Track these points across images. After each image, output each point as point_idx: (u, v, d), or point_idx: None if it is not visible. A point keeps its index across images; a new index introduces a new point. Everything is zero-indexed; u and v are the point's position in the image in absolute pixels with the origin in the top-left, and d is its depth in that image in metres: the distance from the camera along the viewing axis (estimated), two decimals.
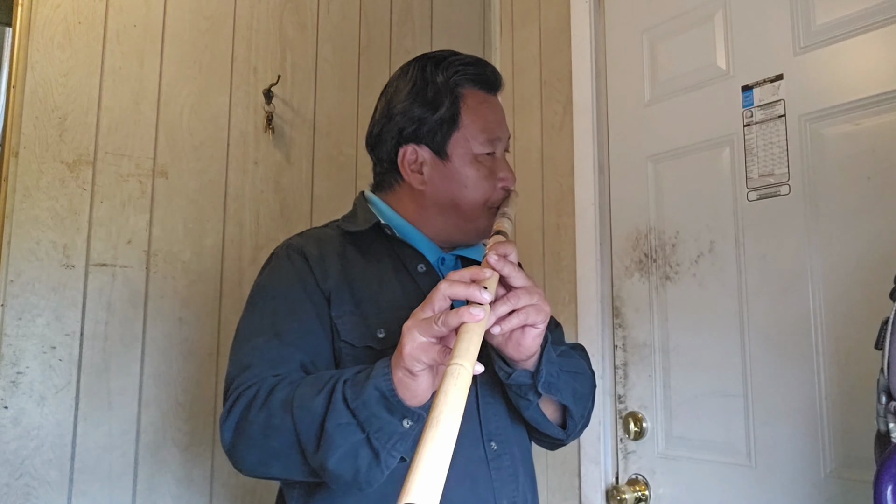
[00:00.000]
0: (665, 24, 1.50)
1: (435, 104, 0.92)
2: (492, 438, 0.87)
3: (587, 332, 1.56)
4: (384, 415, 0.68)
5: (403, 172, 0.94)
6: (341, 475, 0.71)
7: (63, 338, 1.26)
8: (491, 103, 0.97)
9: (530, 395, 0.83)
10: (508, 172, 0.95)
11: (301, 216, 1.56)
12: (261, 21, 1.56)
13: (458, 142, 0.92)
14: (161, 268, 1.38)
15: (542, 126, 1.77)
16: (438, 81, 0.93)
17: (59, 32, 1.32)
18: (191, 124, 1.45)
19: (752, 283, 1.28)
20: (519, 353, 0.76)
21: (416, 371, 0.66)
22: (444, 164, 0.92)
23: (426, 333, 0.66)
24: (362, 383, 0.70)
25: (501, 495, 0.86)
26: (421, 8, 1.84)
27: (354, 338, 0.85)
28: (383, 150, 0.96)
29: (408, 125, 0.93)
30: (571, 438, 0.94)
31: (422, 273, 0.92)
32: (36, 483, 1.21)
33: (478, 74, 0.95)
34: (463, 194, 0.92)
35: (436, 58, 0.96)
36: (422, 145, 0.93)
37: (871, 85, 1.14)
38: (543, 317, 0.74)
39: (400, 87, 0.95)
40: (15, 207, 1.25)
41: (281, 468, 0.77)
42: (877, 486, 0.73)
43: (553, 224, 1.70)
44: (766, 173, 1.28)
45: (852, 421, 1.11)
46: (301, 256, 0.90)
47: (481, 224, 0.94)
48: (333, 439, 0.69)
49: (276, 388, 0.76)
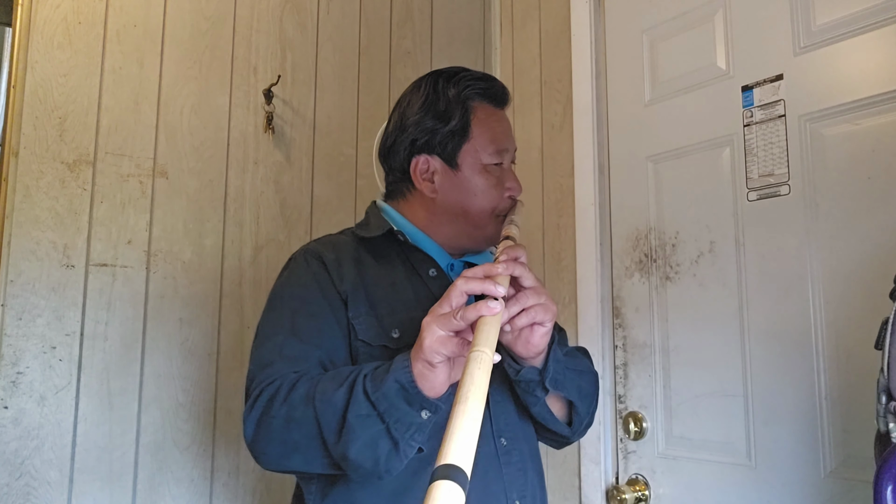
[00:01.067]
0: (665, 24, 1.50)
1: (446, 116, 0.97)
2: (501, 434, 0.91)
3: (587, 332, 1.56)
4: (403, 406, 0.72)
5: (415, 181, 0.98)
6: (362, 464, 0.74)
7: (63, 338, 1.26)
8: (499, 117, 1.01)
9: (538, 391, 0.86)
10: (515, 182, 1.00)
11: (301, 216, 1.56)
12: (261, 21, 1.56)
13: (468, 152, 0.97)
14: (161, 268, 1.38)
15: (542, 126, 1.77)
16: (450, 95, 0.98)
17: (59, 32, 1.32)
18: (191, 124, 1.45)
19: (752, 283, 1.28)
20: (528, 350, 0.80)
21: (436, 363, 0.71)
22: (455, 173, 0.97)
23: (445, 327, 0.71)
24: (382, 376, 0.74)
25: (512, 489, 0.89)
26: (421, 8, 1.84)
27: (370, 337, 0.89)
28: (396, 160, 1.00)
29: (420, 136, 0.97)
30: (577, 436, 0.98)
31: (433, 277, 0.96)
32: (36, 483, 1.21)
33: (487, 89, 1.00)
34: (472, 202, 0.97)
35: (447, 73, 1.01)
36: (433, 156, 0.97)
37: (871, 85, 1.14)
38: (551, 316, 0.79)
39: (413, 101, 1.00)
40: (15, 207, 1.25)
41: (301, 460, 0.80)
42: (877, 486, 0.73)
43: (553, 224, 1.70)
44: (766, 173, 1.28)
45: (852, 421, 1.11)
46: (318, 261, 0.94)
47: (489, 231, 0.98)
48: (354, 429, 0.73)
49: (298, 384, 0.80)
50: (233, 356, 1.43)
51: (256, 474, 1.42)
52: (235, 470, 1.40)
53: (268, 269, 1.49)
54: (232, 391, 1.41)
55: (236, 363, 1.43)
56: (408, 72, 1.78)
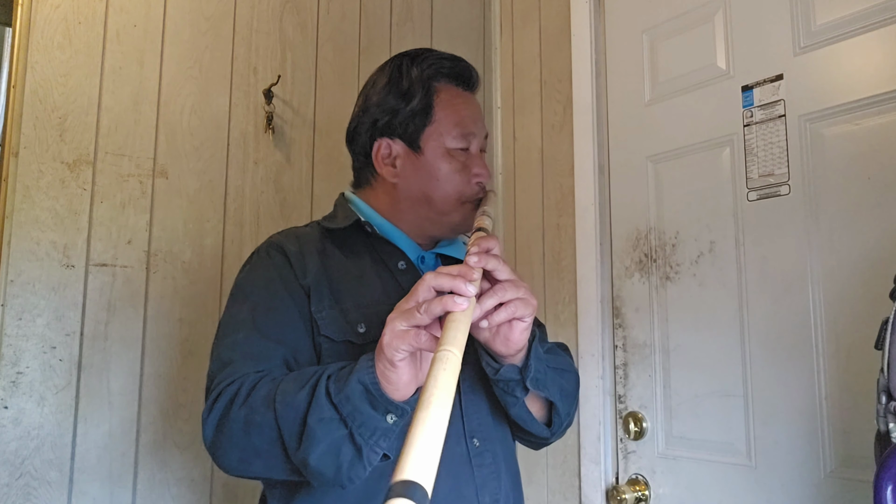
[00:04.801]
0: (665, 24, 1.50)
1: (408, 96, 0.93)
2: (474, 435, 0.88)
3: (587, 332, 1.56)
4: (367, 409, 0.68)
5: (377, 165, 0.95)
6: (323, 472, 0.70)
7: (63, 338, 1.26)
8: (466, 98, 0.97)
9: (518, 391, 0.82)
10: (483, 168, 0.95)
11: (301, 216, 1.56)
12: (261, 21, 1.56)
13: (431, 135, 0.93)
14: (161, 268, 1.38)
15: (542, 126, 1.77)
16: (413, 75, 0.94)
17: (59, 32, 1.32)
18: (191, 124, 1.44)
19: (752, 283, 1.28)
20: (507, 347, 0.76)
21: (397, 361, 0.66)
22: (417, 156, 0.93)
23: (407, 322, 0.66)
24: (346, 378, 0.69)
25: (484, 492, 0.86)
26: (421, 8, 1.84)
27: (334, 332, 0.85)
28: (359, 144, 0.98)
29: (381, 117, 0.94)
30: (556, 437, 0.94)
31: (402, 270, 0.93)
32: (36, 483, 1.21)
33: (452, 69, 0.97)
34: (435, 187, 0.93)
35: (412, 53, 0.97)
36: (395, 139, 0.94)
37: (871, 85, 1.14)
38: (531, 310, 0.74)
39: (377, 82, 0.97)
40: (15, 207, 1.24)
41: (262, 466, 0.76)
42: (877, 486, 0.73)
43: (553, 224, 1.70)
44: (766, 173, 1.28)
45: (852, 421, 1.11)
46: (280, 253, 0.90)
47: (455, 218, 0.94)
48: (316, 434, 0.68)
49: (259, 385, 0.75)
50: None
51: None
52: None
53: None
54: None
55: None
56: None
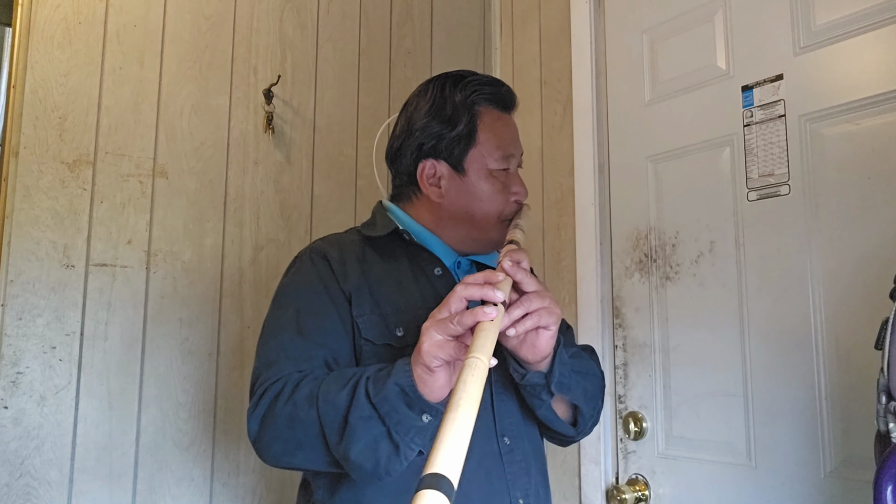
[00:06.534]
0: (665, 24, 1.50)
1: (453, 121, 0.96)
2: (505, 434, 0.92)
3: (587, 332, 1.56)
4: (404, 409, 0.73)
5: (422, 185, 0.99)
6: (362, 465, 0.75)
7: (63, 338, 1.26)
8: (506, 121, 1.01)
9: (543, 394, 0.87)
10: (521, 187, 1.00)
11: (301, 216, 1.56)
12: (261, 21, 1.56)
13: (475, 157, 0.97)
14: (161, 268, 1.38)
15: (542, 126, 1.77)
16: (457, 100, 0.97)
17: (59, 32, 1.32)
18: (191, 124, 1.44)
19: (752, 282, 1.28)
20: (533, 354, 0.81)
21: (434, 367, 0.71)
22: (461, 178, 0.97)
23: (443, 332, 0.71)
24: (384, 380, 0.75)
25: (515, 488, 0.90)
26: (421, 8, 1.84)
27: (374, 336, 0.90)
28: (402, 164, 1.01)
29: (427, 140, 0.97)
30: (582, 436, 1.00)
31: (438, 276, 0.97)
32: (36, 483, 1.21)
33: (494, 94, 1.00)
34: (478, 207, 0.97)
35: (454, 77, 1.00)
36: (440, 160, 0.97)
37: (871, 85, 1.14)
38: (555, 319, 0.79)
39: (420, 105, 1.00)
40: (15, 207, 1.24)
41: (304, 458, 0.81)
42: (877, 486, 0.73)
43: (553, 224, 1.70)
44: (766, 173, 1.28)
45: (852, 421, 1.11)
46: (323, 259, 0.95)
47: (494, 235, 0.99)
48: (356, 431, 0.74)
49: (302, 383, 0.81)
50: (233, 356, 1.43)
51: (256, 474, 1.42)
52: (235, 470, 1.40)
53: (268, 270, 1.49)
54: (232, 391, 1.41)
55: (236, 363, 1.43)
56: (408, 72, 1.78)
